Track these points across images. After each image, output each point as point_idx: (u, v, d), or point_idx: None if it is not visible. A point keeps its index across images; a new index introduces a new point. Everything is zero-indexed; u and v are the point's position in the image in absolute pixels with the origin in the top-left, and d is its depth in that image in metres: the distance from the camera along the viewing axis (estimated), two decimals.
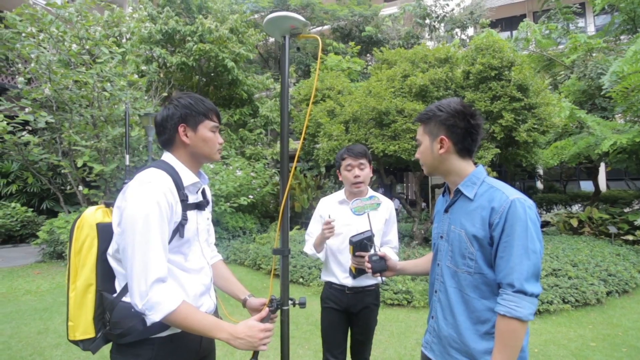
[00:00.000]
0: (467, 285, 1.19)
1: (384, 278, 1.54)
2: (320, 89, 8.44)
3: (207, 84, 11.24)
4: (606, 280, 4.88)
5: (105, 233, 1.17)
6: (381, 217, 2.02)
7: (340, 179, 2.05)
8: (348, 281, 1.97)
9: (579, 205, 10.44)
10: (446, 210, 1.31)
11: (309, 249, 2.06)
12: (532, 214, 1.11)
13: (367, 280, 1.98)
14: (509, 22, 15.41)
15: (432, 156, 1.26)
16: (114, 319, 1.11)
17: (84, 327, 1.15)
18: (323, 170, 8.14)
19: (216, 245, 1.66)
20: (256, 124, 11.13)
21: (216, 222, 7.51)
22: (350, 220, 1.97)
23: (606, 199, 10.33)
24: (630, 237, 6.94)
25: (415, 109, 5.94)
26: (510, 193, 1.14)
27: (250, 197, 8.01)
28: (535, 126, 5.86)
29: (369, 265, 1.51)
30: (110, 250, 1.17)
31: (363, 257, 1.61)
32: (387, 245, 2.06)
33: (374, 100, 6.26)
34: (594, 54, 8.61)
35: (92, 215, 1.21)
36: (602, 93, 7.35)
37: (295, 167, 10.56)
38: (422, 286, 4.66)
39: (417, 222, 7.22)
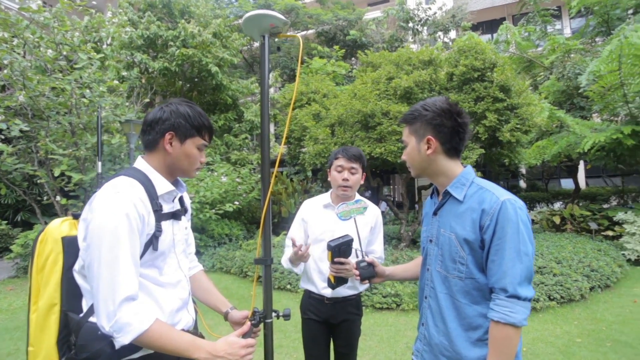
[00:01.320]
0: (457, 290, 1.16)
1: (371, 285, 1.51)
2: (305, 92, 8.37)
3: (191, 89, 11.07)
4: (589, 275, 4.97)
5: (71, 247, 1.09)
6: (367, 223, 1.93)
7: (329, 178, 1.95)
8: (327, 291, 1.88)
9: (561, 202, 10.69)
10: (435, 213, 1.27)
11: (285, 261, 1.94)
12: (523, 215, 1.09)
13: (347, 290, 1.90)
14: (489, 25, 15.75)
15: (419, 157, 1.22)
16: (80, 341, 1.01)
17: (46, 352, 1.05)
18: (310, 174, 8.14)
19: (199, 254, 1.58)
20: (241, 129, 11.02)
21: (201, 229, 7.36)
22: (334, 226, 1.88)
23: (586, 196, 10.60)
24: (610, 233, 7.13)
25: (401, 111, 5.95)
26: (501, 194, 1.11)
27: (236, 203, 7.88)
28: (518, 126, 5.94)
29: (357, 272, 1.46)
30: (76, 266, 1.08)
31: (343, 264, 1.54)
32: (372, 255, 1.96)
33: (359, 103, 6.24)
34: (571, 55, 8.85)
35: (57, 228, 1.11)
36: (579, 91, 7.54)
37: (281, 172, 10.50)
38: (411, 288, 4.64)
39: (405, 224, 7.21)
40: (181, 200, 1.27)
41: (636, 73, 6.33)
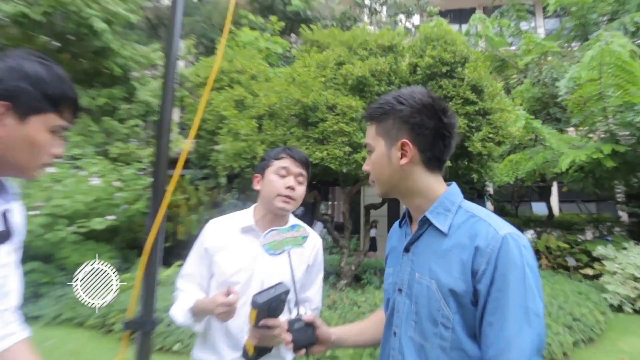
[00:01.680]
0: None
1: (308, 354, 1.35)
2: (227, 71, 8.16)
3: (61, 50, 9.92)
4: (571, 326, 5.16)
5: None
6: (303, 260, 1.78)
7: (256, 187, 1.80)
8: None
9: (532, 230, 11.41)
10: (407, 249, 1.20)
11: (180, 313, 1.64)
12: (530, 257, 1.04)
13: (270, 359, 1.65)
14: (457, 15, 16.74)
15: (389, 168, 1.17)
16: None
17: None
18: (223, 181, 7.81)
19: (36, 297, 1.17)
20: (131, 113, 10.14)
21: (47, 257, 6.48)
22: (255, 264, 1.70)
23: (559, 223, 11.51)
24: (589, 272, 7.64)
25: (351, 105, 5.90)
26: (500, 226, 1.06)
27: (110, 217, 7.14)
28: (491, 135, 6.15)
29: (288, 338, 1.30)
30: None
31: (270, 327, 1.38)
32: (307, 306, 1.84)
33: (298, 91, 6.13)
34: (548, 58, 9.54)
35: None
36: (558, 100, 8.03)
37: (182, 176, 9.99)
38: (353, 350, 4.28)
39: (347, 255, 7.13)
40: (6, 217, 1.07)
41: (616, 85, 6.85)
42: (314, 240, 1.82)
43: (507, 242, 1.01)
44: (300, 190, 1.77)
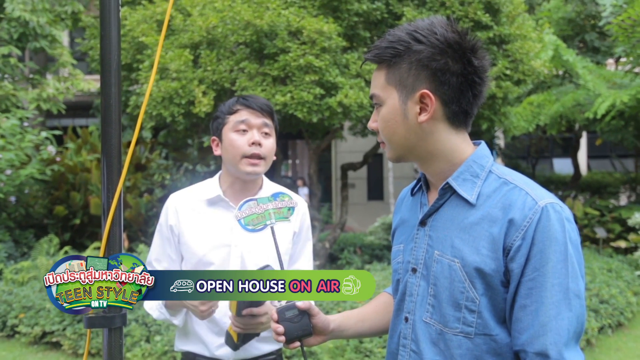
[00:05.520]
0: (461, 356, 1.21)
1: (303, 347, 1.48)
2: None
3: None
4: (598, 310, 5.85)
5: None
6: (289, 227, 2.03)
7: (216, 152, 2.07)
8: (225, 352, 1.93)
9: (554, 194, 12.27)
10: (423, 222, 1.34)
11: (154, 306, 1.97)
12: (573, 233, 1.17)
13: (261, 345, 1.97)
14: None
15: (404, 127, 1.26)
16: None
17: None
18: (148, 135, 7.91)
19: None
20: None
21: None
22: (231, 239, 1.98)
23: (588, 185, 12.28)
24: (622, 244, 8.41)
25: (322, 30, 6.02)
26: (539, 195, 1.18)
27: None
28: (508, 72, 6.49)
29: (279, 329, 1.41)
30: None
31: (255, 315, 1.65)
32: None
33: (248, 10, 6.14)
34: None
35: None
36: (594, 23, 8.40)
37: (85, 128, 9.82)
38: (334, 342, 4.78)
39: (318, 229, 7.46)
40: None
41: None
42: (300, 206, 2.00)
43: (548, 214, 1.13)
44: (269, 144, 1.99)
